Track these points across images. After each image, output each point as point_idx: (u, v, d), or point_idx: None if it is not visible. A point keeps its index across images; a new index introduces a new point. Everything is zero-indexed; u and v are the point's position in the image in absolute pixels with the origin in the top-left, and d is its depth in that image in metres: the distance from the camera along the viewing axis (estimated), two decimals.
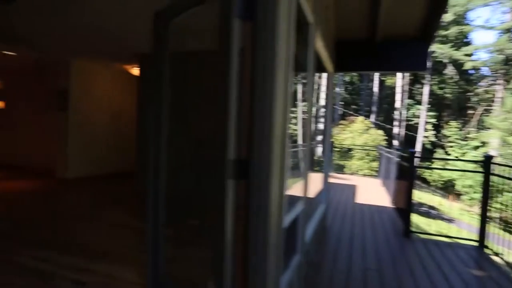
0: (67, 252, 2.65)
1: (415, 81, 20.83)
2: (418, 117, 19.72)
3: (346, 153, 13.45)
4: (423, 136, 19.06)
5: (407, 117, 20.14)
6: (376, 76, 20.64)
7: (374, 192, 6.93)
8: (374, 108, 20.86)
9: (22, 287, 2.08)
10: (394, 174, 5.67)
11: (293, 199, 2.01)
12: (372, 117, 20.01)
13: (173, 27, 1.77)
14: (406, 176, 3.96)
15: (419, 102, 20.11)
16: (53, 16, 3.60)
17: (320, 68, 3.31)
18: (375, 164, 12.59)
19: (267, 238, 1.17)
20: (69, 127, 5.52)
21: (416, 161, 3.90)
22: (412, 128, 19.95)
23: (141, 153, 4.92)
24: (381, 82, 21.67)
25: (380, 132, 14.82)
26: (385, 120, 20.54)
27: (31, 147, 6.72)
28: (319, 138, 13.08)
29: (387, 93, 21.92)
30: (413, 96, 20.90)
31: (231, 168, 1.19)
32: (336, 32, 3.66)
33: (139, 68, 4.97)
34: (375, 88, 21.09)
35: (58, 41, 4.64)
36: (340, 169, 12.50)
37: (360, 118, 16.06)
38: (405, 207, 3.87)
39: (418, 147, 18.22)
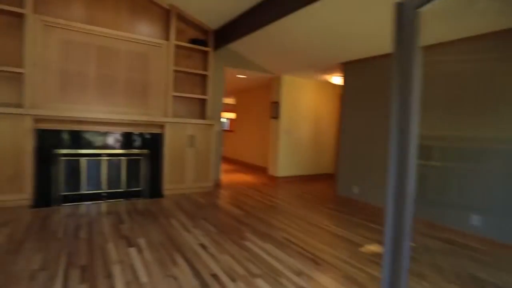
0: (283, 249, 2.53)
1: None
2: None
3: None
4: None
5: None
6: None
7: None
8: None
9: (256, 276, 2.03)
10: None
11: None
12: None
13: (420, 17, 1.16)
14: None
15: None
16: (277, 47, 3.93)
17: None
18: None
19: None
20: (280, 132, 5.88)
21: None
22: None
23: (342, 157, 4.52)
24: None
25: None
26: None
27: (252, 148, 7.91)
28: None
29: None
30: None
31: None
32: None
33: (342, 76, 4.57)
34: None
35: (276, 64, 5.17)
36: None
37: None
38: None
39: None
